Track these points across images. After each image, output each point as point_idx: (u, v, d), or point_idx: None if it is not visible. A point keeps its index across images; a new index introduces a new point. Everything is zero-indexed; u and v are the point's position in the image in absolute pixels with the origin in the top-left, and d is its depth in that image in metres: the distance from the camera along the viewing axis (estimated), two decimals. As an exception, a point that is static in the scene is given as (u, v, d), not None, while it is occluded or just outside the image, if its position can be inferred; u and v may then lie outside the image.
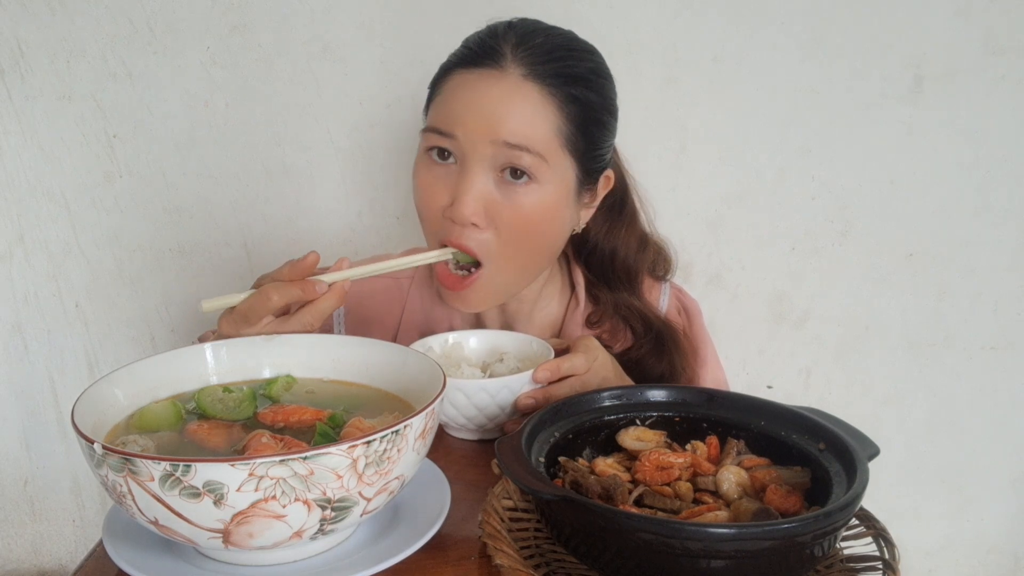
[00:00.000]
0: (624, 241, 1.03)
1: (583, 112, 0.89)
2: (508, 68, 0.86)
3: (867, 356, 1.34)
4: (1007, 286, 1.29)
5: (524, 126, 0.85)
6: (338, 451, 0.55)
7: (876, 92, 1.23)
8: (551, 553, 0.66)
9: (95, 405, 0.65)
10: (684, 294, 1.12)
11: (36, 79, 1.29)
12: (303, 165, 1.33)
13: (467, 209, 0.86)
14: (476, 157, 0.86)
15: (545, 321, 1.05)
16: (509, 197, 0.87)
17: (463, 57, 0.90)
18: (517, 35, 0.88)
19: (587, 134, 0.90)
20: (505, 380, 0.83)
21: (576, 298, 1.05)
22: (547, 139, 0.86)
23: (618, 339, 1.03)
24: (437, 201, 0.89)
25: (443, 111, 0.88)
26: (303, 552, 0.63)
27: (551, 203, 0.89)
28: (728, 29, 1.22)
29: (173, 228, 1.36)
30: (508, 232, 0.88)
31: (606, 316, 1.03)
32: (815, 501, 0.63)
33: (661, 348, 1.01)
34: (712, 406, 0.75)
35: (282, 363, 0.78)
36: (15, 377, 1.42)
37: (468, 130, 0.85)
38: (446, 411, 0.85)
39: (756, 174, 1.28)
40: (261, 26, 1.26)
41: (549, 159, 0.87)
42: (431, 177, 0.90)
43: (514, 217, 0.87)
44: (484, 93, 0.86)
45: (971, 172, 1.25)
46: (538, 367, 0.84)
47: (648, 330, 1.02)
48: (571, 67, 0.88)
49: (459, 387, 0.82)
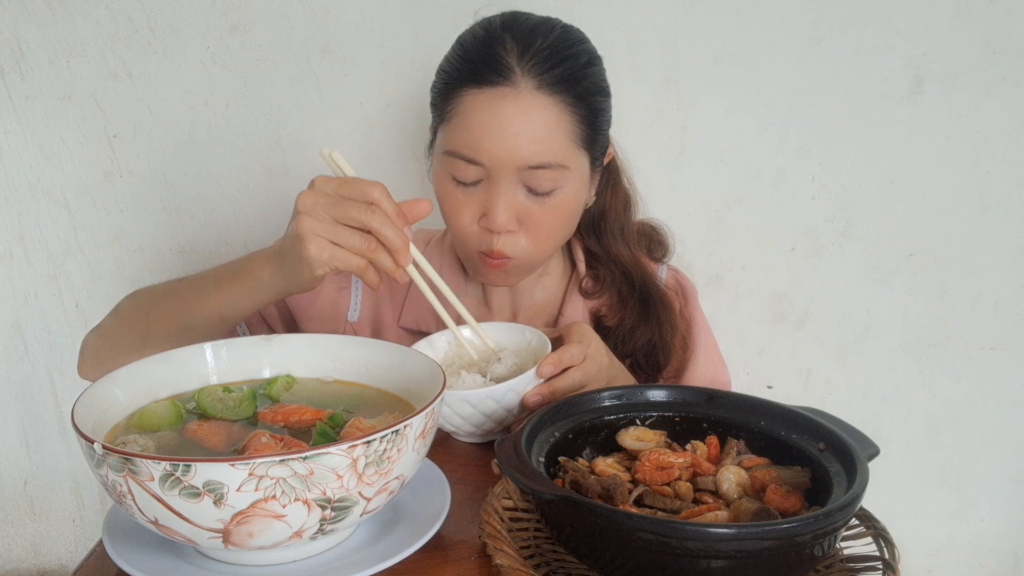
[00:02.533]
0: (611, 201, 1.05)
1: (589, 106, 0.91)
2: (519, 83, 0.87)
3: (867, 356, 1.34)
4: (1007, 286, 1.29)
5: (544, 143, 0.88)
6: (338, 451, 0.55)
7: (876, 92, 1.23)
8: (551, 553, 0.66)
9: (95, 405, 0.65)
10: (680, 274, 1.13)
11: (36, 79, 1.29)
12: (303, 165, 1.33)
13: (502, 219, 0.90)
14: (503, 177, 0.89)
15: (547, 295, 1.07)
16: (538, 203, 0.91)
17: (469, 73, 0.90)
18: (518, 42, 0.89)
19: (594, 125, 0.93)
20: (510, 384, 0.82)
21: (577, 274, 1.07)
22: (566, 147, 0.90)
23: (616, 314, 1.05)
24: (469, 217, 0.93)
25: (463, 137, 0.89)
26: (303, 552, 0.63)
27: (574, 198, 0.94)
28: (728, 29, 1.22)
29: (173, 228, 1.36)
30: (539, 231, 0.93)
31: (604, 287, 1.05)
32: (815, 501, 0.63)
33: (647, 310, 1.03)
34: (712, 406, 0.75)
35: (282, 363, 0.78)
36: (15, 377, 1.42)
37: (491, 156, 0.88)
38: (452, 421, 0.84)
39: (756, 174, 1.28)
40: (261, 26, 1.26)
41: (570, 164, 0.91)
42: (460, 197, 0.92)
43: (544, 218, 0.92)
44: (502, 115, 0.87)
45: (971, 172, 1.25)
46: (541, 363, 0.83)
47: (632, 289, 1.04)
48: (573, 65, 0.89)
49: (465, 399, 0.81)
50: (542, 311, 1.07)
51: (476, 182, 0.91)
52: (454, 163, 0.90)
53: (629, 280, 1.05)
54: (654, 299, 1.04)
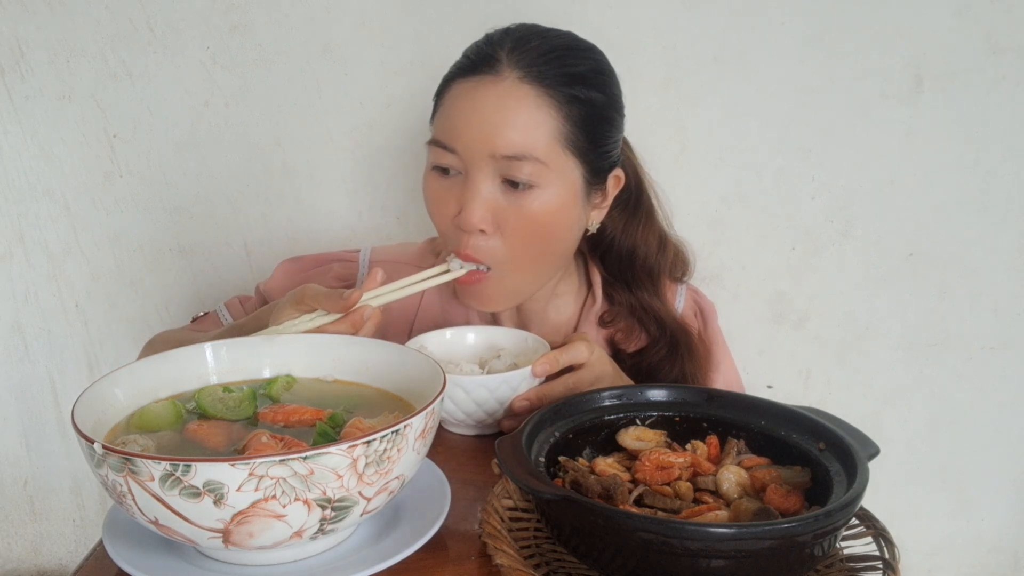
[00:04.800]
0: (643, 239, 1.03)
1: (585, 111, 0.89)
2: (503, 72, 0.87)
3: (867, 356, 1.34)
4: (1007, 286, 1.29)
5: (520, 134, 0.86)
6: (338, 451, 0.55)
7: (876, 92, 1.23)
8: (551, 553, 0.66)
9: (95, 405, 0.65)
10: (700, 295, 1.12)
11: (36, 79, 1.29)
12: (303, 165, 1.33)
13: (474, 217, 0.87)
14: (478, 168, 0.87)
15: (560, 319, 1.05)
16: (514, 203, 0.88)
17: (462, 66, 0.91)
18: (513, 40, 0.89)
19: (591, 133, 0.90)
20: (504, 376, 0.83)
21: (592, 296, 1.05)
22: (546, 143, 0.87)
23: (632, 340, 1.03)
24: (447, 211, 0.91)
25: (444, 124, 0.90)
26: (303, 552, 0.63)
27: (556, 206, 0.89)
28: (728, 29, 1.22)
29: (173, 228, 1.36)
30: (515, 236, 0.89)
31: (621, 316, 1.03)
32: (815, 501, 0.63)
33: (675, 352, 1.01)
34: (712, 406, 0.75)
35: (282, 363, 0.78)
36: (15, 377, 1.42)
37: (466, 145, 0.87)
38: (445, 407, 0.85)
39: (756, 174, 1.28)
40: (261, 26, 1.26)
41: (550, 163, 0.87)
42: (439, 189, 0.92)
43: (520, 222, 0.89)
44: (480, 101, 0.87)
45: (971, 172, 1.25)
46: (536, 361, 0.84)
47: (663, 333, 1.02)
48: (570, 67, 0.88)
49: (459, 383, 0.83)
50: (555, 334, 1.04)
51: (455, 173, 0.90)
52: (434, 152, 0.91)
53: (660, 325, 1.02)
54: (682, 347, 1.01)
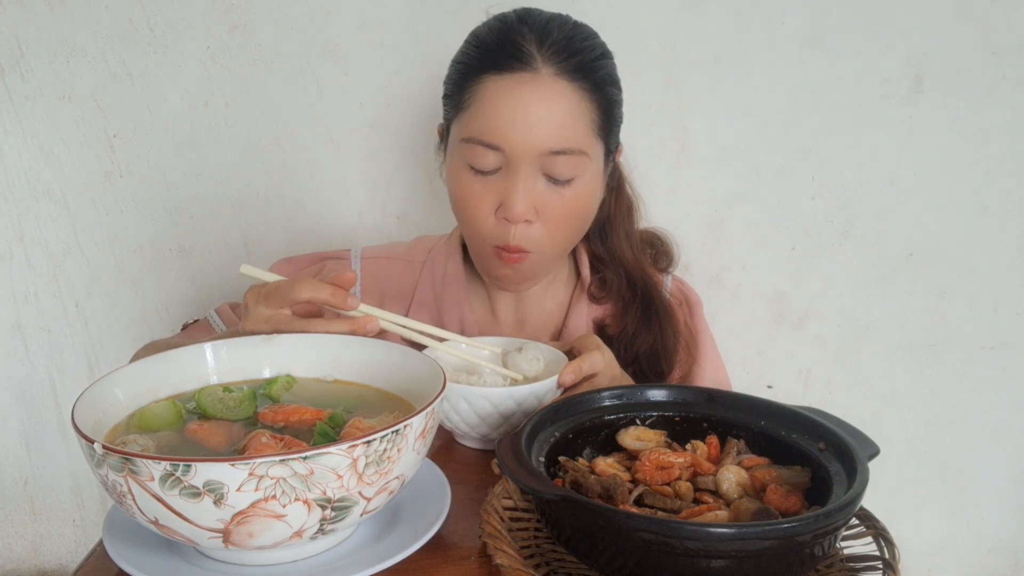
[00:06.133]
0: (615, 208, 1.05)
1: (605, 97, 0.91)
2: (539, 69, 0.87)
3: (867, 356, 1.34)
4: (1007, 286, 1.29)
5: (565, 129, 0.88)
6: (338, 451, 0.55)
7: (876, 92, 1.23)
8: (551, 553, 0.66)
9: (95, 405, 0.65)
10: (686, 285, 1.13)
11: (36, 79, 1.29)
12: (303, 165, 1.33)
13: (520, 207, 0.89)
14: (524, 164, 0.88)
15: (555, 302, 1.07)
16: (556, 192, 0.91)
17: (489, 60, 0.89)
18: (535, 32, 0.89)
19: (610, 116, 0.93)
20: (532, 388, 0.82)
21: (581, 282, 1.07)
22: (585, 134, 0.90)
23: (619, 322, 1.05)
24: (486, 207, 0.92)
25: (483, 123, 0.89)
26: (303, 552, 0.63)
27: (591, 189, 0.94)
28: (728, 29, 1.22)
29: (173, 228, 1.36)
30: (556, 222, 0.92)
31: (611, 294, 1.05)
32: (815, 501, 0.63)
33: (649, 315, 1.03)
34: (712, 406, 0.75)
35: (282, 363, 0.78)
36: (15, 377, 1.42)
37: (514, 144, 0.87)
38: (469, 420, 0.83)
39: (756, 174, 1.28)
40: (261, 26, 1.26)
41: (589, 152, 0.91)
42: (477, 187, 0.91)
43: (562, 210, 0.91)
44: (523, 100, 0.87)
45: (971, 172, 1.25)
46: (563, 370, 0.83)
47: (635, 294, 1.04)
48: (588, 56, 0.90)
49: (486, 395, 0.80)
50: (549, 320, 1.07)
51: (494, 171, 0.90)
52: (472, 150, 0.90)
53: (632, 284, 1.05)
54: (656, 305, 1.04)
